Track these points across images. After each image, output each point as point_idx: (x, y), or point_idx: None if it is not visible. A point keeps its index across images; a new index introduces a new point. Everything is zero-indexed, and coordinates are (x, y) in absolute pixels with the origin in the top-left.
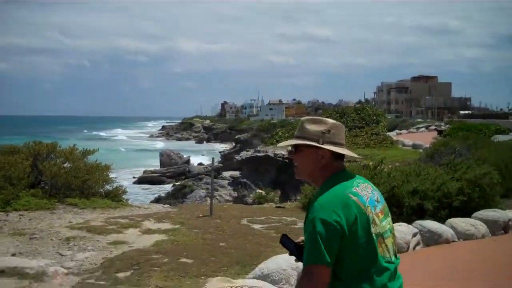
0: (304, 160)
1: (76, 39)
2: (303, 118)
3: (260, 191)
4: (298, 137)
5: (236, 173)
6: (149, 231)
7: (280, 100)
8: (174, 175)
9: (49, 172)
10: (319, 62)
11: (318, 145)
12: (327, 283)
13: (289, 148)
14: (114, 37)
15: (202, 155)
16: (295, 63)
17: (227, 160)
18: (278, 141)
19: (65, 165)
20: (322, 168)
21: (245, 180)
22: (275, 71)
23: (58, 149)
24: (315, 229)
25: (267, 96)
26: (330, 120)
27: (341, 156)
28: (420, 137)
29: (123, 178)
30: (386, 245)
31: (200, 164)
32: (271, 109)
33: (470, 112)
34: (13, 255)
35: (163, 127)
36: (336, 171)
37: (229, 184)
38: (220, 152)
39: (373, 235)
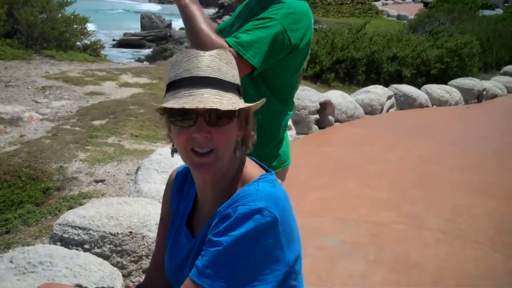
0: None
1: None
2: None
3: None
4: None
5: None
6: (126, 84)
7: None
8: (155, 39)
9: (25, 22)
10: None
11: None
12: None
13: None
14: None
15: None
16: None
17: None
18: None
19: (41, 15)
20: None
21: None
22: None
23: None
24: (273, 31)
25: None
26: None
27: None
28: (406, 8)
29: (103, 40)
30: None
31: (182, 29)
32: None
33: None
34: None
35: None
36: None
37: None
38: None
39: (303, 65)
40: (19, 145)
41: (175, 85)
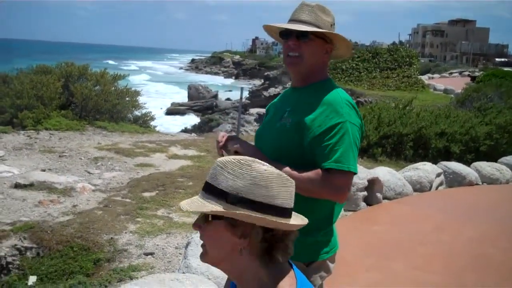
0: (314, 52)
1: None
2: (310, 3)
3: None
4: (312, 24)
5: (263, 110)
6: (175, 156)
7: None
8: (201, 109)
9: (80, 94)
10: None
11: (344, 39)
12: None
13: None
14: None
15: (230, 90)
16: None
17: (255, 97)
18: None
19: (95, 88)
20: (323, 64)
21: None
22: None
23: (89, 71)
24: (353, 135)
25: None
26: (332, 12)
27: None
28: (452, 82)
29: (151, 108)
30: None
31: (228, 99)
32: None
33: (506, 59)
34: (43, 170)
35: (193, 60)
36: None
37: (255, 120)
38: (249, 88)
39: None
40: (71, 215)
41: None
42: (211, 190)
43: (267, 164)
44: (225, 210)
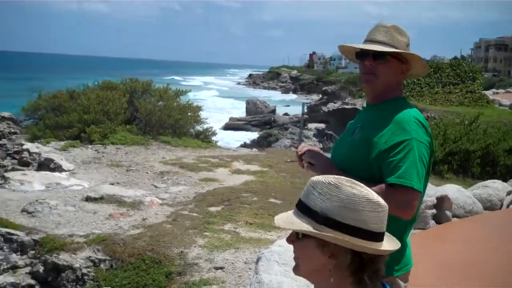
0: (389, 72)
1: None
2: (386, 24)
3: None
4: (388, 44)
5: (322, 126)
6: (238, 171)
7: None
8: (259, 124)
9: (144, 109)
10: (414, 14)
11: (420, 58)
12: None
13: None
14: None
15: (288, 105)
16: (388, 14)
17: (313, 112)
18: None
19: (159, 103)
20: (397, 83)
21: (331, 132)
22: (367, 22)
23: (152, 87)
24: (419, 152)
25: None
26: (407, 32)
27: None
28: None
29: (209, 123)
30: None
31: (286, 114)
32: None
33: None
34: (112, 184)
35: (250, 75)
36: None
37: (314, 135)
38: (306, 103)
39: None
40: (142, 228)
41: None
42: (302, 208)
43: (358, 187)
44: (313, 230)
